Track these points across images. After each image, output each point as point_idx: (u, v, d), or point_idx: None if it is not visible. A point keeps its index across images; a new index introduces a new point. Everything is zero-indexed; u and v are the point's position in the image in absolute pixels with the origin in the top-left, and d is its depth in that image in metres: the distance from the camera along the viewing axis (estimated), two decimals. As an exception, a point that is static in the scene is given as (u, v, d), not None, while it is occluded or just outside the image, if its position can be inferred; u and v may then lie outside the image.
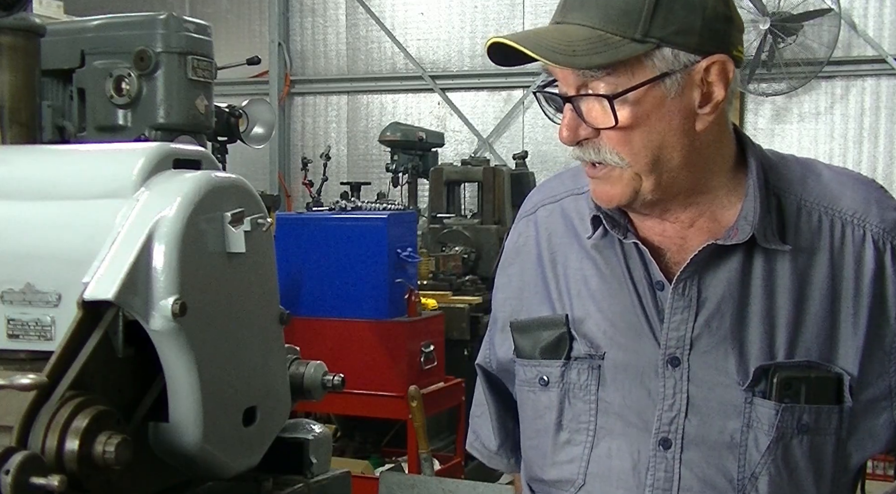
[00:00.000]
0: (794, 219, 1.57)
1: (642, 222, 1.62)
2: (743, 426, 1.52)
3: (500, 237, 7.53)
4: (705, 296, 1.55)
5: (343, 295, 5.51)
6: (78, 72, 3.57)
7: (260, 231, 1.99)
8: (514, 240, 1.84)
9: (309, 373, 2.24)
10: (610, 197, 1.54)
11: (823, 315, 1.54)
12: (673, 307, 1.55)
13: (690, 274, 1.55)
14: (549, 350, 1.66)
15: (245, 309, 2.01)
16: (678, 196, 1.56)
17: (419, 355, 5.54)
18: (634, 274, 1.60)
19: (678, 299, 1.55)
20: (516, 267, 1.80)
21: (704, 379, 1.54)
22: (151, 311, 1.78)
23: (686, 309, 1.55)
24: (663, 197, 1.55)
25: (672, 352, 1.55)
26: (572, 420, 1.64)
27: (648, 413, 1.56)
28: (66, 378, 1.69)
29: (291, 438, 2.20)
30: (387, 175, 8.49)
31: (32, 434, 1.64)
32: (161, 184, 1.89)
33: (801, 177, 1.61)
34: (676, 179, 1.53)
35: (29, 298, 1.85)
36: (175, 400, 1.84)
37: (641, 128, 1.48)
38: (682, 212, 1.58)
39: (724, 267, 1.55)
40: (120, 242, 1.80)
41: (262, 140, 4.86)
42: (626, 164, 1.49)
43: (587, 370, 1.62)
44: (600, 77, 1.46)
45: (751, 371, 1.52)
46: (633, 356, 1.58)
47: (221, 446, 1.92)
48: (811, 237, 1.56)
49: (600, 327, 1.62)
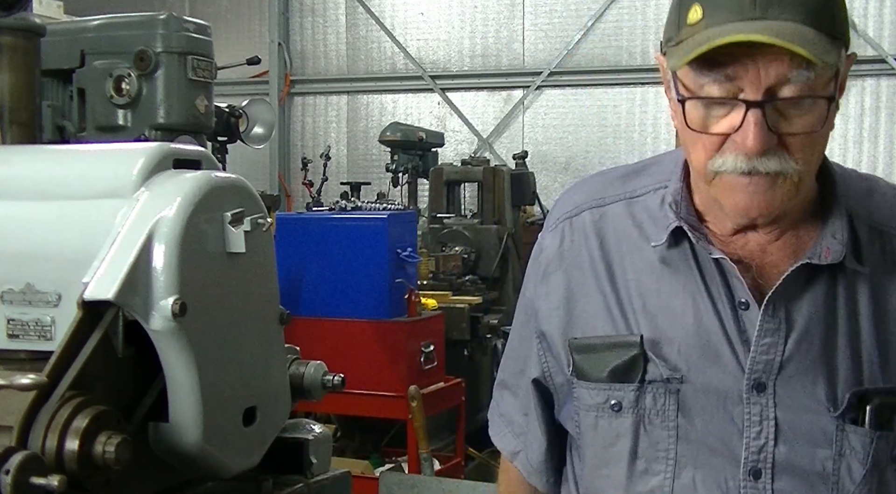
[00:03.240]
0: (866, 239, 1.49)
1: (725, 235, 1.51)
2: (835, 454, 1.44)
3: (500, 237, 7.53)
4: (794, 318, 1.45)
5: (343, 295, 5.51)
6: (78, 72, 3.57)
7: (260, 231, 1.99)
8: (555, 244, 1.65)
9: (309, 373, 2.24)
10: (770, 206, 1.40)
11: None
12: (763, 329, 1.45)
13: (781, 294, 1.45)
14: (621, 372, 1.53)
15: (245, 309, 2.01)
16: (791, 211, 1.48)
17: (419, 355, 5.54)
18: (713, 292, 1.49)
19: (769, 321, 1.45)
20: (560, 274, 1.63)
21: (792, 405, 1.44)
22: (151, 311, 1.78)
23: (776, 332, 1.45)
24: (791, 209, 1.47)
25: (758, 377, 1.45)
26: (649, 447, 1.52)
27: (734, 440, 1.46)
28: (66, 378, 1.70)
29: (291, 438, 2.20)
30: (387, 175, 8.48)
31: (32, 434, 1.64)
32: (161, 184, 1.89)
33: (868, 193, 1.53)
34: (807, 193, 1.47)
35: (29, 298, 1.85)
36: (175, 399, 1.84)
37: (824, 132, 1.41)
38: (779, 223, 1.49)
39: (812, 288, 1.46)
40: (120, 242, 1.80)
41: (262, 140, 4.86)
42: (798, 171, 1.38)
43: (664, 394, 1.50)
44: (803, 78, 1.33)
45: (842, 397, 1.44)
46: (715, 380, 1.47)
47: (221, 446, 1.92)
48: (884, 259, 1.49)
49: (677, 348, 1.50)
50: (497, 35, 11.64)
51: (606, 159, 11.62)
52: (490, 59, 11.68)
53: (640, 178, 1.61)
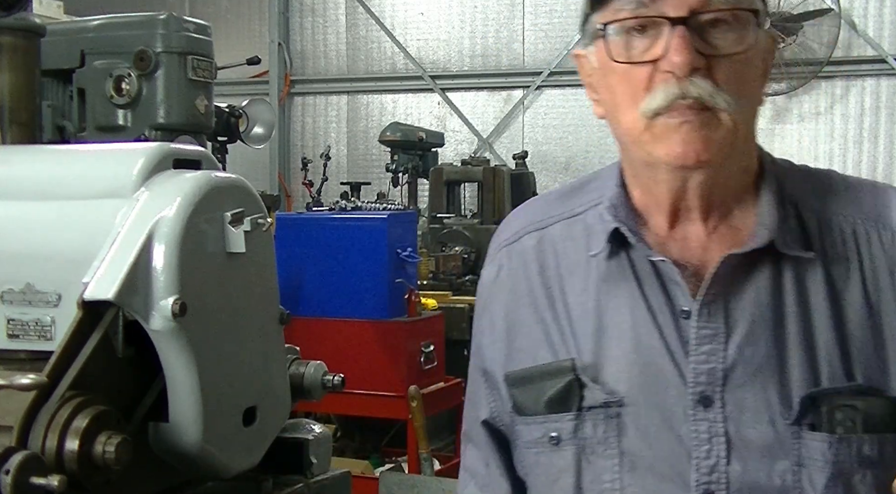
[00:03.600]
0: (815, 230, 1.39)
1: (663, 234, 1.41)
2: (794, 465, 1.32)
3: (500, 237, 7.52)
4: (736, 320, 1.35)
5: (343, 295, 5.51)
6: (78, 72, 3.57)
7: (260, 231, 1.99)
8: (492, 275, 1.57)
9: (309, 373, 2.24)
10: (707, 147, 1.30)
11: (866, 332, 1.35)
12: (699, 336, 1.34)
13: (715, 295, 1.35)
14: (557, 402, 1.42)
15: (245, 309, 2.01)
16: (728, 179, 1.38)
17: (419, 355, 5.54)
18: (653, 302, 1.38)
19: (704, 326, 1.34)
20: (498, 306, 1.54)
21: (744, 417, 1.33)
22: (151, 311, 1.78)
23: (714, 338, 1.34)
24: (729, 175, 1.38)
25: (702, 390, 1.34)
26: (594, 481, 1.40)
27: (682, 463, 1.34)
28: (66, 378, 1.70)
29: (291, 438, 2.20)
30: (387, 175, 8.49)
31: (32, 434, 1.64)
32: (161, 184, 1.89)
33: (817, 187, 1.44)
34: (745, 151, 1.39)
35: (29, 298, 1.85)
36: (175, 399, 1.84)
37: (751, 66, 1.34)
38: (716, 208, 1.40)
39: (752, 285, 1.36)
40: (120, 242, 1.80)
41: (262, 140, 4.86)
42: (733, 108, 1.30)
43: (604, 421, 1.39)
44: None
45: (795, 401, 1.32)
46: (657, 399, 1.36)
47: (221, 446, 1.92)
48: (837, 247, 1.38)
49: (616, 369, 1.39)
50: (497, 35, 11.63)
51: (606, 159, 11.59)
52: (490, 58, 11.67)
53: (579, 196, 1.51)
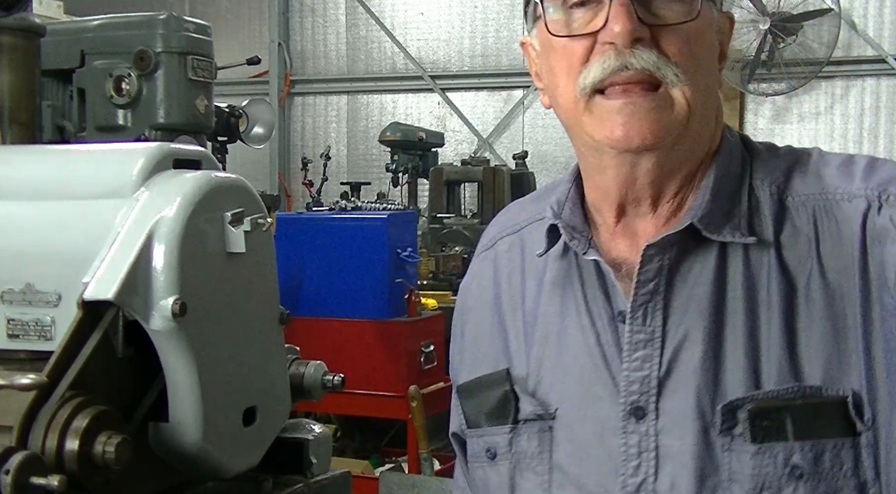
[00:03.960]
0: (772, 213, 1.26)
1: (611, 228, 1.32)
2: (724, 480, 1.18)
3: (500, 237, 7.52)
4: (674, 322, 1.23)
5: (343, 295, 5.51)
6: (78, 72, 3.57)
7: (260, 231, 1.99)
8: (466, 284, 1.53)
9: (309, 373, 2.24)
10: (655, 127, 1.21)
11: (823, 324, 1.20)
12: (633, 341, 1.24)
13: (650, 294, 1.24)
14: (495, 414, 1.35)
15: (245, 309, 2.01)
16: (682, 164, 1.28)
17: (419, 355, 5.54)
18: (592, 306, 1.29)
19: (639, 330, 1.24)
20: (472, 315, 1.49)
21: (678, 428, 1.21)
22: (151, 311, 1.78)
23: (649, 343, 1.23)
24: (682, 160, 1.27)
25: (635, 400, 1.22)
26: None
27: (610, 480, 1.23)
28: (66, 378, 1.69)
29: (291, 438, 2.20)
30: (387, 175, 8.50)
31: (32, 434, 1.64)
32: (161, 184, 1.89)
33: (789, 167, 1.31)
34: (702, 134, 1.28)
35: (29, 298, 1.85)
36: (175, 399, 1.84)
37: (702, 40, 1.25)
38: (668, 199, 1.29)
39: (693, 280, 1.24)
40: (120, 242, 1.80)
41: (262, 140, 4.86)
42: (683, 82, 1.21)
43: (538, 434, 1.30)
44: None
45: (718, 409, 1.19)
46: (590, 411, 1.26)
47: (221, 446, 1.92)
48: (795, 231, 1.24)
49: (551, 379, 1.31)
50: (497, 35, 11.63)
51: (606, 159, 11.62)
52: (490, 58, 11.67)
53: (550, 196, 1.41)
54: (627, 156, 1.24)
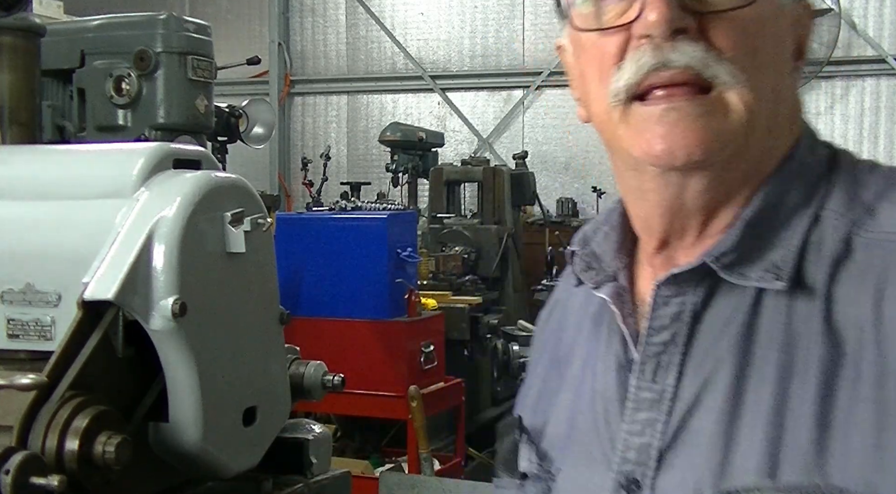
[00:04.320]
0: (833, 255, 0.98)
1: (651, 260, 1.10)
2: None
3: (500, 237, 7.54)
4: (687, 381, 1.01)
5: (343, 295, 5.52)
6: (78, 72, 3.57)
7: (260, 231, 1.99)
8: (543, 314, 1.35)
9: (309, 373, 2.24)
10: (705, 137, 0.97)
11: (867, 407, 0.92)
12: (638, 400, 1.03)
13: (663, 346, 1.03)
14: (506, 464, 1.23)
15: (245, 309, 2.01)
16: (740, 187, 1.03)
17: (419, 355, 5.54)
18: (610, 350, 1.10)
19: (645, 387, 1.03)
20: (534, 348, 1.34)
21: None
22: (151, 311, 1.78)
23: (656, 404, 1.02)
24: (740, 177, 1.02)
25: (629, 472, 1.02)
26: None
27: None
28: (66, 378, 1.69)
29: (291, 438, 2.19)
30: (387, 175, 8.50)
31: (32, 435, 1.63)
32: (161, 184, 1.89)
33: (879, 195, 1.02)
34: (767, 149, 1.03)
35: (29, 298, 1.85)
36: (175, 399, 1.84)
37: (765, 31, 1.00)
38: (720, 226, 1.04)
39: (716, 331, 1.01)
40: (120, 242, 1.80)
41: (262, 140, 4.86)
42: (740, 83, 0.97)
43: None
44: None
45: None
46: (583, 476, 1.09)
47: (221, 446, 1.92)
48: (857, 281, 0.96)
49: (555, 432, 1.16)
50: (497, 35, 11.64)
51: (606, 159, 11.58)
52: (490, 58, 11.68)
53: None
54: (672, 177, 1.01)
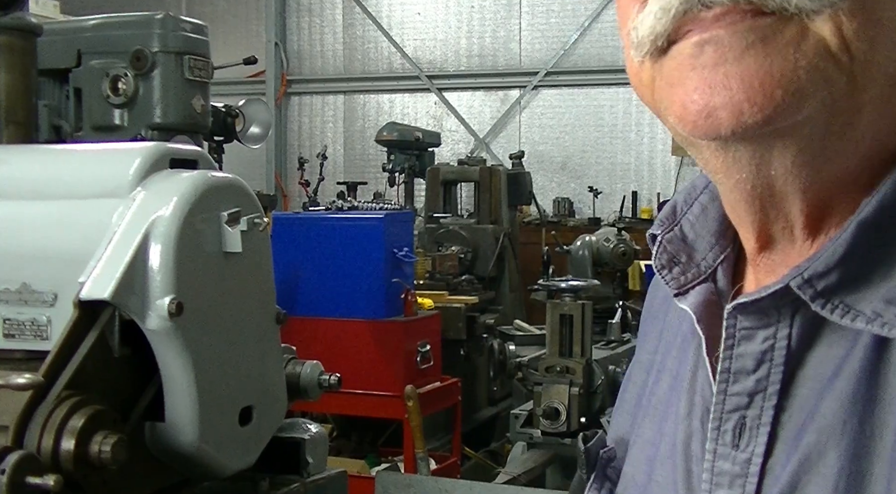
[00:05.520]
0: None
1: (755, 263, 0.76)
2: None
3: (497, 237, 7.54)
4: (782, 450, 0.71)
5: (339, 295, 5.51)
6: (74, 71, 3.57)
7: (256, 231, 1.99)
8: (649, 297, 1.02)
9: (305, 373, 2.24)
10: (765, 80, 0.62)
11: None
12: (713, 472, 0.74)
13: (747, 399, 0.73)
14: (577, 488, 0.97)
15: (241, 308, 2.01)
16: (859, 159, 0.68)
17: (415, 355, 5.54)
18: (697, 386, 0.80)
19: (723, 456, 0.74)
20: (638, 344, 1.01)
21: None
22: (148, 311, 1.78)
23: (737, 482, 0.73)
24: (854, 147, 0.67)
25: None
26: None
27: None
28: (63, 377, 1.70)
29: (288, 438, 2.20)
30: (383, 175, 8.51)
31: (28, 434, 1.64)
32: (157, 183, 1.89)
33: None
34: (888, 113, 0.67)
35: (25, 298, 1.85)
36: (171, 399, 1.84)
37: None
38: (838, 216, 0.70)
39: (824, 381, 0.69)
40: (116, 242, 1.80)
41: (259, 140, 4.86)
42: (835, 5, 0.61)
43: None
44: None
45: None
46: None
47: (218, 445, 1.92)
48: None
49: (635, 477, 0.88)
50: (494, 35, 11.65)
51: (603, 159, 11.64)
52: (487, 58, 11.69)
53: None
54: (739, 150, 0.68)
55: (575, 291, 4.87)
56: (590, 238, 7.50)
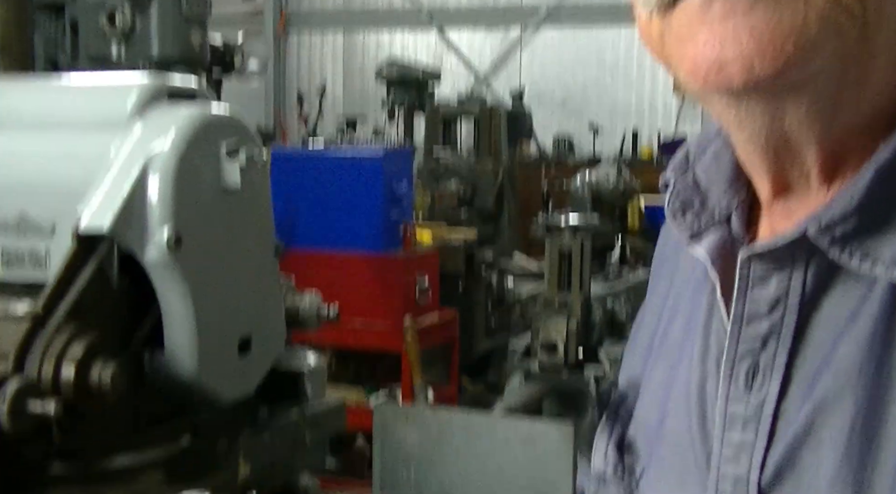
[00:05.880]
0: None
1: (769, 208, 0.77)
2: None
3: (496, 173, 7.53)
4: (795, 395, 0.72)
5: (339, 230, 5.53)
6: (70, 5, 3.55)
7: (255, 165, 2.00)
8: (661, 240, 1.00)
9: (304, 304, 2.26)
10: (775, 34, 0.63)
11: None
12: (728, 416, 0.75)
13: (760, 342, 0.74)
14: (587, 441, 0.95)
15: (240, 241, 2.02)
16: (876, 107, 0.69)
17: (414, 288, 5.58)
18: (712, 332, 0.80)
19: (735, 399, 0.75)
20: (663, 282, 0.96)
21: None
22: (146, 244, 1.79)
23: (749, 424, 0.73)
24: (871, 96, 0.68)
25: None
26: None
27: None
28: (61, 308, 1.71)
29: (287, 368, 2.22)
30: (383, 110, 8.47)
31: (28, 362, 1.65)
32: (156, 116, 1.89)
33: None
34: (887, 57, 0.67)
35: (23, 228, 1.86)
36: (170, 329, 1.86)
37: None
38: (853, 163, 0.70)
39: (839, 326, 0.70)
40: (114, 174, 1.81)
41: (257, 75, 4.84)
42: None
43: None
44: None
45: None
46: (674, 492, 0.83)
47: (216, 375, 1.94)
48: None
49: (648, 419, 0.88)
50: None
51: (604, 96, 11.58)
52: (488, -6, 11.57)
53: None
54: (752, 103, 0.69)
55: (574, 227, 4.88)
56: (590, 175, 7.50)
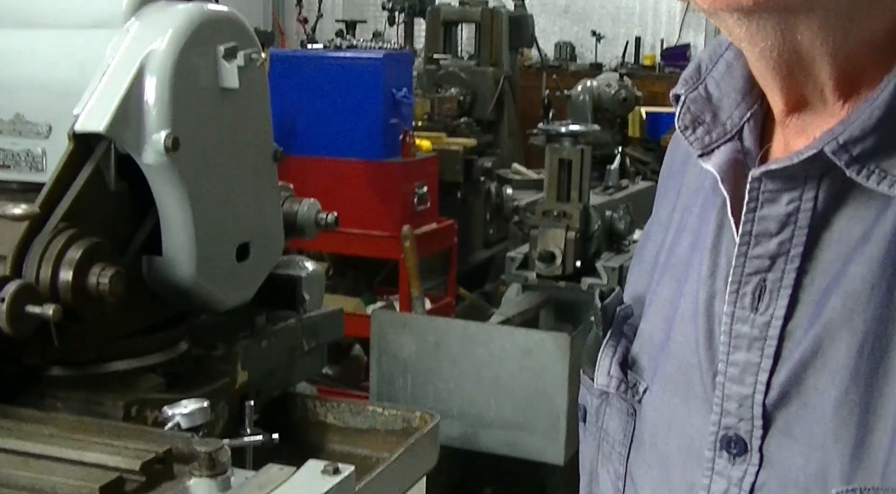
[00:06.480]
0: None
1: (783, 124, 0.75)
2: None
3: (497, 80, 7.46)
4: (802, 314, 0.70)
5: (337, 135, 5.49)
6: None
7: (254, 66, 1.96)
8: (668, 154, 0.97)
9: (302, 211, 2.24)
10: None
11: None
12: (733, 335, 0.73)
13: (768, 262, 0.72)
14: (589, 359, 0.92)
15: (238, 145, 2.00)
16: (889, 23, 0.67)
17: (412, 196, 5.56)
18: (722, 247, 0.78)
19: (741, 319, 0.73)
20: (657, 201, 0.96)
21: (789, 484, 0.71)
22: (144, 145, 1.77)
23: (755, 344, 0.72)
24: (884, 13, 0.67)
25: (730, 426, 0.74)
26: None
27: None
28: (59, 209, 1.70)
29: (285, 274, 2.22)
30: (383, 14, 8.35)
31: (26, 265, 1.64)
32: (152, 14, 1.85)
33: None
34: None
35: (19, 128, 1.84)
36: (168, 234, 1.85)
37: None
38: (868, 80, 0.69)
39: (849, 247, 0.69)
40: (111, 74, 1.77)
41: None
42: None
43: (623, 418, 0.88)
44: None
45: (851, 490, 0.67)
46: (680, 412, 0.80)
47: (215, 280, 1.94)
48: None
49: (653, 336, 0.86)
50: None
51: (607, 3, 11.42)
52: None
53: None
54: (763, 22, 0.66)
55: (574, 136, 4.84)
56: (591, 83, 7.42)
